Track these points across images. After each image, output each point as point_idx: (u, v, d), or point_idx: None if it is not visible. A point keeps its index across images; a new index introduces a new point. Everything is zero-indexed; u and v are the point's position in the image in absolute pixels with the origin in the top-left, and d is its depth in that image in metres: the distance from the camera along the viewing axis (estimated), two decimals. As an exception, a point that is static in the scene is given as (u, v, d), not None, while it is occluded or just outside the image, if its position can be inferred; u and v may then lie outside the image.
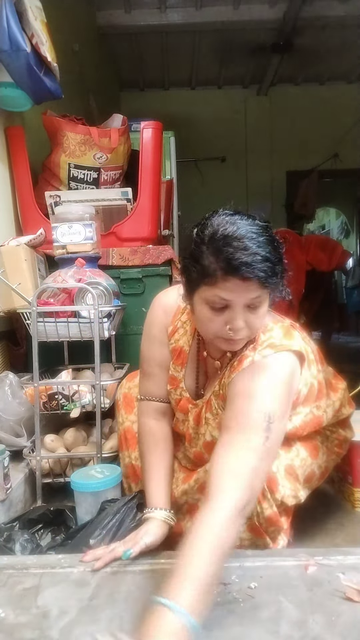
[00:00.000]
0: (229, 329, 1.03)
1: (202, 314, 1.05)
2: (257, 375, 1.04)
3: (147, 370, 1.31)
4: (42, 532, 1.31)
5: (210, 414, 1.20)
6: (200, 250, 1.00)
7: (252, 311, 1.03)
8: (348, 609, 0.89)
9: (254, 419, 0.99)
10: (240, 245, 0.96)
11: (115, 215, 2.10)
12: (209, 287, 1.00)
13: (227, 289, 0.98)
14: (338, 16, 4.19)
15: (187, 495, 1.23)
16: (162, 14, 4.27)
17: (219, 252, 0.97)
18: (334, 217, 8.73)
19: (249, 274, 0.96)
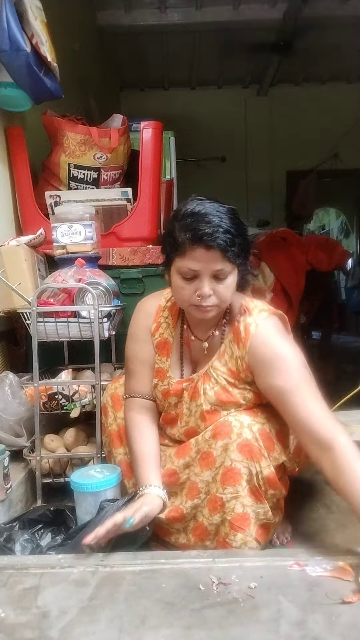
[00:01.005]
0: (197, 295, 1.17)
1: (176, 284, 1.21)
2: (273, 338, 1.23)
3: (130, 368, 1.40)
4: (42, 532, 1.31)
5: (208, 384, 1.27)
6: (173, 227, 1.18)
7: (219, 281, 1.17)
8: (348, 609, 0.89)
9: (300, 375, 1.20)
10: (204, 219, 1.13)
11: (115, 215, 2.10)
12: (180, 259, 1.17)
13: (194, 258, 1.14)
14: (338, 16, 4.19)
15: (190, 469, 1.24)
16: (162, 14, 4.26)
17: (187, 225, 1.14)
18: (334, 217, 8.74)
19: (211, 243, 1.11)
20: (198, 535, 1.24)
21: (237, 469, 1.16)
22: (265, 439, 1.20)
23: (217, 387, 1.26)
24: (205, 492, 1.21)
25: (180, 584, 0.97)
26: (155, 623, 0.87)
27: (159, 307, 1.39)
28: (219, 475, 1.18)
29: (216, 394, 1.26)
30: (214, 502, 1.19)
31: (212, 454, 1.19)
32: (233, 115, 5.78)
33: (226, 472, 1.17)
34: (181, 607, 0.91)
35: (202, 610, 0.90)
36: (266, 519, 1.21)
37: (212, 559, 1.07)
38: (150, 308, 1.40)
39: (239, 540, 1.17)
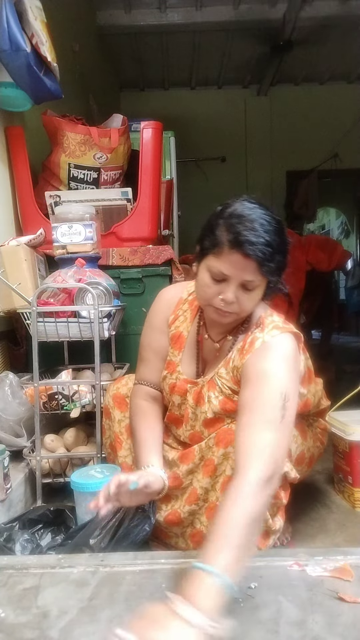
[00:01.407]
0: (221, 299, 1.14)
1: (202, 279, 1.17)
2: (269, 356, 1.14)
3: (143, 355, 1.39)
4: (42, 532, 1.31)
5: (213, 392, 1.25)
6: (217, 223, 1.13)
7: (246, 292, 1.14)
8: (348, 609, 0.89)
9: (272, 399, 1.06)
10: (251, 226, 1.08)
11: (115, 215, 2.10)
12: (215, 258, 1.12)
13: (229, 262, 1.10)
14: (338, 16, 4.19)
15: (193, 475, 1.23)
16: (162, 14, 4.26)
17: (232, 227, 1.09)
18: (334, 217, 8.74)
19: (250, 252, 1.07)
20: (196, 541, 1.23)
21: None
22: None
23: (222, 396, 1.24)
24: (204, 499, 1.21)
25: (180, 584, 0.97)
26: (155, 623, 0.87)
27: (180, 300, 1.37)
28: (218, 483, 1.18)
29: (220, 403, 1.24)
30: (213, 510, 1.18)
31: (213, 461, 1.19)
32: (233, 115, 5.78)
33: (226, 481, 1.15)
34: (181, 607, 0.90)
35: (202, 610, 0.89)
36: (266, 527, 1.19)
37: (212, 559, 1.06)
38: (171, 298, 1.38)
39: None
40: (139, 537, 1.17)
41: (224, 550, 0.85)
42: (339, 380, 2.77)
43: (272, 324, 1.20)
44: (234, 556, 0.85)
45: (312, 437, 1.41)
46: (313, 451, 1.41)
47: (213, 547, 0.86)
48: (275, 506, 1.22)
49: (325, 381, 1.49)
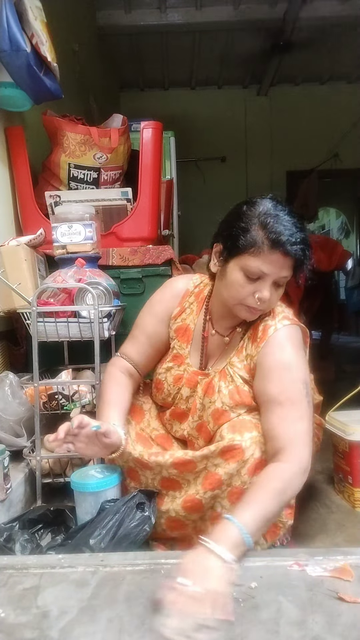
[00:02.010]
0: (257, 297, 1.17)
1: (235, 279, 1.19)
2: (286, 346, 1.22)
3: (134, 334, 1.43)
4: (42, 532, 1.31)
5: (224, 382, 1.28)
6: (251, 222, 1.16)
7: (277, 288, 1.20)
8: (348, 609, 0.89)
9: (298, 391, 1.17)
10: (288, 227, 1.14)
11: (115, 215, 2.10)
12: (253, 257, 1.15)
13: (269, 261, 1.15)
14: (338, 16, 4.19)
15: (208, 460, 1.22)
16: (162, 14, 4.26)
17: (270, 227, 1.13)
18: (334, 217, 8.74)
19: (291, 252, 1.14)
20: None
21: (266, 460, 1.16)
22: None
23: (232, 385, 1.27)
24: (227, 484, 1.19)
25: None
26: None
27: (187, 292, 1.39)
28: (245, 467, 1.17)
29: (230, 393, 1.26)
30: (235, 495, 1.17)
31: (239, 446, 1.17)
32: (233, 115, 5.78)
33: (257, 464, 1.16)
34: (181, 607, 0.90)
35: (202, 610, 0.89)
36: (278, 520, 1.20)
37: (212, 559, 1.06)
38: (179, 291, 1.40)
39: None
40: (139, 537, 1.17)
41: (253, 513, 0.99)
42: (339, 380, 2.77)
43: (282, 313, 1.27)
44: (259, 521, 1.00)
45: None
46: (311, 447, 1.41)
47: (245, 506, 1.01)
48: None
49: (325, 381, 1.49)
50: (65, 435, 1.13)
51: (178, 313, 1.38)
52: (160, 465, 1.27)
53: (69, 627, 0.87)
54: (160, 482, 1.30)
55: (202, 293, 1.38)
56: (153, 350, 1.42)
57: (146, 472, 1.32)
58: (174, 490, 1.29)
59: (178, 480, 1.28)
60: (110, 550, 1.12)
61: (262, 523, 1.02)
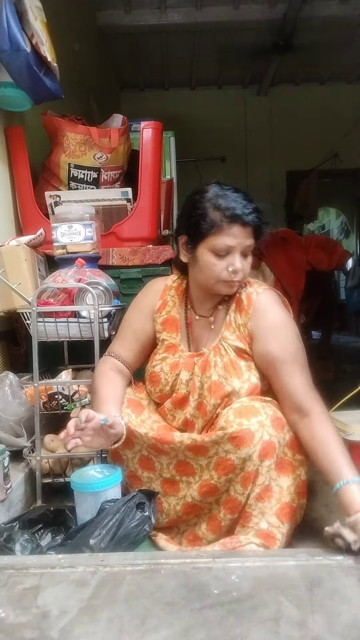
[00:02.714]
0: (231, 270, 1.28)
1: (207, 261, 1.31)
2: (273, 307, 1.36)
3: (121, 332, 1.51)
4: (42, 532, 1.31)
5: (219, 357, 1.36)
6: (205, 208, 1.28)
7: (245, 258, 1.31)
8: (348, 609, 0.89)
9: (295, 346, 1.32)
10: (238, 201, 1.27)
11: (115, 215, 2.10)
12: (216, 236, 1.27)
13: (231, 235, 1.26)
14: (338, 16, 4.18)
15: (219, 446, 1.24)
16: (162, 14, 4.26)
17: (223, 206, 1.26)
18: (334, 217, 8.74)
19: (248, 220, 1.26)
20: (229, 508, 1.26)
21: (273, 443, 1.21)
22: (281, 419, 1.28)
23: (227, 358, 1.35)
24: (240, 468, 1.22)
25: (180, 584, 0.97)
26: (155, 623, 0.87)
27: (166, 287, 1.50)
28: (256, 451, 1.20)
29: (224, 365, 1.34)
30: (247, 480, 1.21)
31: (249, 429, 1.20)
32: (233, 115, 5.78)
33: (265, 447, 1.20)
34: (181, 607, 0.91)
35: (202, 610, 0.90)
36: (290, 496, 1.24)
37: (212, 559, 1.07)
38: (158, 287, 1.50)
39: (257, 509, 1.21)
40: (139, 537, 1.18)
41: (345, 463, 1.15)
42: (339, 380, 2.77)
43: (257, 282, 1.41)
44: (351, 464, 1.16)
45: None
46: None
47: (339, 465, 1.15)
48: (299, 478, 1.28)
49: (325, 381, 1.49)
50: (75, 429, 1.19)
51: (161, 306, 1.47)
52: (175, 449, 1.30)
53: (69, 627, 0.87)
54: (176, 467, 1.33)
55: (180, 286, 1.48)
56: (140, 346, 1.48)
57: (162, 457, 1.34)
58: (187, 475, 1.32)
59: (192, 465, 1.31)
60: (110, 550, 1.12)
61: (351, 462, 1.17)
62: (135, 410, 1.41)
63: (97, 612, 0.90)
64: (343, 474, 1.13)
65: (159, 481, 1.36)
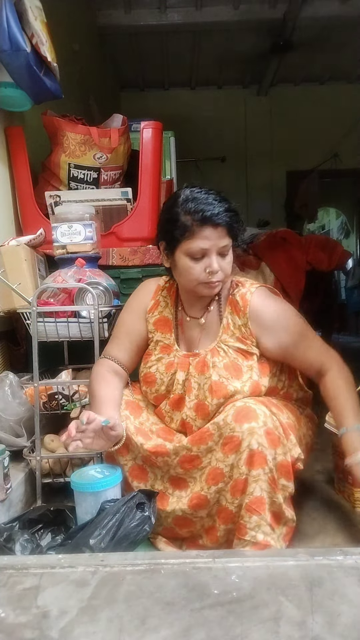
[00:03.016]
0: (208, 272, 1.28)
1: (184, 265, 1.31)
2: (268, 301, 1.38)
3: (115, 334, 1.51)
4: (42, 532, 1.31)
5: (217, 357, 1.36)
6: (176, 213, 1.28)
7: (223, 257, 1.30)
8: (348, 609, 0.89)
9: (301, 326, 1.38)
10: (207, 202, 1.26)
11: (115, 215, 2.10)
12: (189, 240, 1.27)
13: (204, 237, 1.26)
14: (338, 16, 4.19)
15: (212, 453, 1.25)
16: (162, 14, 4.26)
17: (192, 210, 1.25)
18: (334, 217, 8.74)
19: (219, 221, 1.25)
20: (223, 518, 1.25)
21: (262, 453, 1.19)
22: (283, 429, 1.26)
23: (227, 359, 1.35)
24: (229, 475, 1.23)
25: (180, 584, 0.97)
26: (155, 623, 0.87)
27: (158, 287, 1.50)
28: (242, 459, 1.20)
29: (225, 366, 1.34)
30: (236, 488, 1.21)
31: (237, 437, 1.21)
32: (233, 115, 5.78)
33: (251, 456, 1.19)
34: (181, 607, 0.91)
35: (202, 610, 0.90)
36: (280, 510, 1.23)
37: (212, 559, 1.06)
38: (150, 287, 1.51)
39: (253, 523, 1.19)
40: (139, 537, 1.17)
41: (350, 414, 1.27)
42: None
43: (248, 281, 1.42)
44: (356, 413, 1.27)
45: (304, 425, 1.44)
46: (307, 440, 1.43)
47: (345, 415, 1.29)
48: (286, 491, 1.25)
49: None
50: (77, 432, 1.19)
51: (153, 306, 1.47)
52: (168, 464, 1.30)
53: (69, 627, 0.87)
54: (169, 480, 1.33)
55: (172, 287, 1.48)
56: (134, 346, 1.48)
57: (155, 469, 1.34)
58: (180, 489, 1.32)
59: (185, 479, 1.31)
60: (110, 550, 1.12)
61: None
62: (134, 412, 1.41)
63: (97, 612, 0.90)
64: (345, 423, 1.27)
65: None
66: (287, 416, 1.33)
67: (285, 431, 1.26)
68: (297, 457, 1.28)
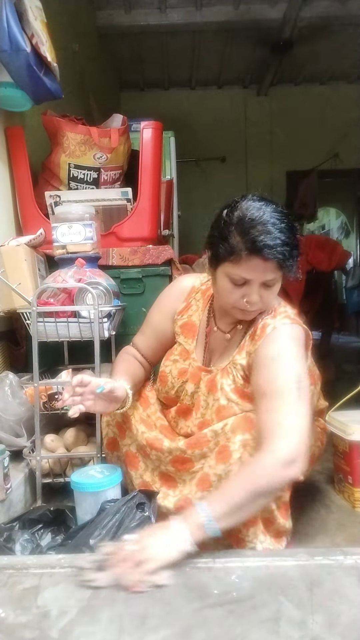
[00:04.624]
0: (245, 301, 1.18)
1: (223, 286, 1.21)
2: (279, 340, 1.20)
3: (144, 328, 1.50)
4: (42, 532, 1.30)
5: (226, 379, 1.28)
6: (228, 230, 1.14)
7: (267, 289, 1.19)
8: (348, 609, 0.89)
9: (288, 382, 1.13)
10: (265, 229, 1.11)
11: (115, 215, 2.10)
12: (233, 265, 1.15)
13: (249, 268, 1.13)
14: (338, 16, 4.19)
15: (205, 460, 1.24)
16: (162, 14, 4.26)
17: (246, 233, 1.11)
18: (334, 217, 8.73)
19: (270, 256, 1.11)
20: None
21: None
22: None
23: (234, 385, 1.28)
24: (216, 486, 1.21)
25: (180, 584, 0.97)
26: (155, 623, 0.87)
27: (193, 288, 1.43)
28: (232, 472, 1.18)
29: (232, 390, 1.28)
30: None
31: (228, 448, 1.19)
32: (233, 115, 5.78)
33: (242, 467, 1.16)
34: (181, 607, 0.90)
35: (202, 610, 0.90)
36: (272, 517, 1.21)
37: (212, 559, 1.06)
38: (185, 287, 1.44)
39: (251, 535, 1.18)
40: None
41: (224, 502, 1.01)
42: (339, 380, 2.77)
43: (284, 313, 1.25)
44: (229, 510, 1.00)
45: (313, 436, 1.42)
46: (314, 450, 1.42)
47: (218, 496, 1.05)
48: (280, 500, 1.23)
49: (325, 381, 1.49)
50: (70, 395, 1.18)
51: (184, 309, 1.42)
52: (160, 460, 1.30)
53: (69, 627, 0.87)
54: (159, 475, 1.33)
55: (208, 290, 1.40)
56: (158, 344, 1.46)
57: (147, 460, 1.34)
58: (168, 487, 1.31)
59: (175, 478, 1.30)
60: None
61: (233, 511, 1.01)
62: (143, 404, 1.43)
63: (97, 612, 0.90)
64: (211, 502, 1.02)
65: (138, 481, 1.35)
66: None
67: None
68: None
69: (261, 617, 0.87)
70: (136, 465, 1.36)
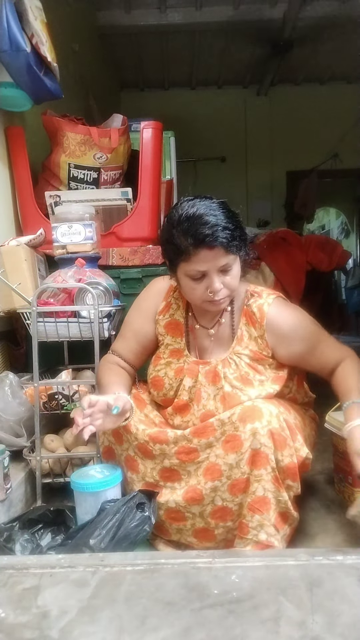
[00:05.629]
0: (209, 292, 1.25)
1: (186, 286, 1.29)
2: (284, 308, 1.36)
3: (123, 332, 1.50)
4: (42, 532, 1.31)
5: (229, 369, 1.34)
6: (171, 234, 1.23)
7: (226, 274, 1.25)
8: (348, 609, 0.89)
9: (316, 334, 1.38)
10: (201, 221, 1.18)
11: (115, 215, 2.10)
12: (186, 263, 1.23)
13: (200, 260, 1.21)
14: (338, 16, 4.18)
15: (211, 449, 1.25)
16: (162, 14, 4.26)
17: (186, 231, 1.19)
18: (334, 217, 8.73)
19: (214, 243, 1.18)
20: (218, 517, 1.25)
21: (264, 453, 1.18)
22: (290, 430, 1.25)
23: (238, 373, 1.33)
24: (227, 476, 1.22)
25: (180, 584, 0.97)
26: (155, 623, 0.87)
27: (170, 287, 1.46)
28: (244, 460, 1.19)
29: (236, 378, 1.33)
30: (236, 487, 1.21)
31: (239, 437, 1.20)
32: (233, 115, 5.77)
33: (253, 455, 1.19)
34: (181, 607, 0.91)
35: (202, 610, 0.90)
36: (286, 508, 1.22)
37: (212, 559, 1.07)
38: (162, 288, 1.47)
39: (255, 522, 1.19)
40: (139, 537, 1.18)
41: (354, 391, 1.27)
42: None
43: (264, 291, 1.38)
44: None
45: (308, 425, 1.45)
46: (311, 440, 1.44)
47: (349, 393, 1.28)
48: (291, 490, 1.25)
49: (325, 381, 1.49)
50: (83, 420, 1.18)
51: (164, 308, 1.45)
52: (164, 453, 1.29)
53: (69, 627, 0.87)
54: (160, 473, 1.31)
55: None
56: (140, 347, 1.48)
57: (147, 461, 1.33)
58: (172, 481, 1.31)
59: (178, 471, 1.29)
60: (110, 551, 1.12)
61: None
62: (139, 405, 1.42)
63: (97, 612, 0.90)
64: (352, 397, 1.27)
65: (141, 484, 1.35)
66: (294, 416, 1.33)
67: (292, 431, 1.25)
68: (305, 456, 1.28)
69: (261, 617, 0.88)
70: (136, 469, 1.36)
